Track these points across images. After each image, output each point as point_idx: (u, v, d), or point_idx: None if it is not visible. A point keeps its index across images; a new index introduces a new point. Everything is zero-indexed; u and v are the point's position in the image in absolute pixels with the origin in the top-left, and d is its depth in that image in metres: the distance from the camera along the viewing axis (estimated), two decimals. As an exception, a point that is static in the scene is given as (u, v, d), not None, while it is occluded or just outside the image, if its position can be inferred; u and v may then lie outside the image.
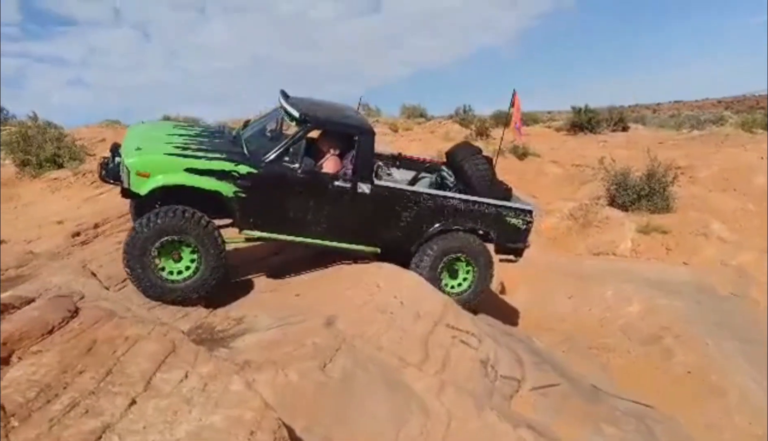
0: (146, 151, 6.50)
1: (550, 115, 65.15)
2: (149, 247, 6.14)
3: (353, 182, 6.93)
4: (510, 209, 7.54)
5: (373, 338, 5.64)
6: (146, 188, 6.30)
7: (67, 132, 23.55)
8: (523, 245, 7.80)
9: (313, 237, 7.04)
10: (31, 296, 4.40)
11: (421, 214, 7.19)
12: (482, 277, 7.48)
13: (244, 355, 5.05)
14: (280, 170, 6.71)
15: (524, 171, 19.48)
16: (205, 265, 6.39)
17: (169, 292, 6.36)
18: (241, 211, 6.66)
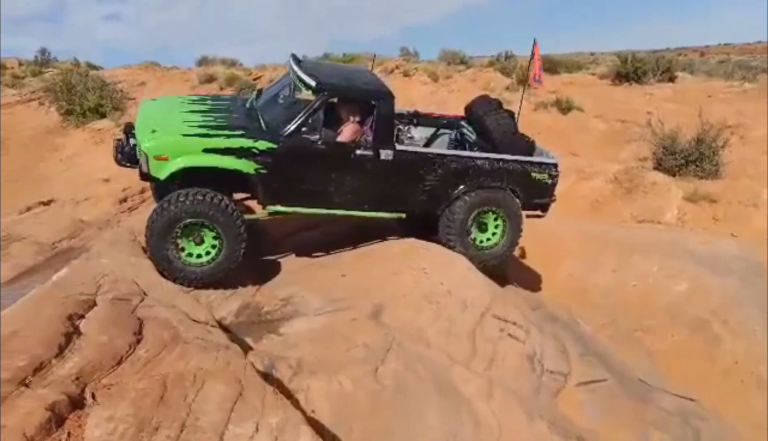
0: (162, 132, 6.36)
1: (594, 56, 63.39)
2: (170, 230, 6.09)
3: (375, 149, 6.80)
4: (535, 164, 7.39)
5: (421, 332, 5.65)
6: (166, 172, 6.20)
7: (107, 74, 23.74)
8: (550, 200, 7.68)
9: (338, 208, 6.96)
10: (91, 294, 4.51)
11: (445, 176, 7.05)
12: (513, 229, 7.40)
13: (296, 350, 5.11)
14: (300, 143, 6.57)
15: (567, 126, 19.08)
16: (226, 249, 6.34)
17: (190, 275, 6.29)
18: (263, 187, 6.59)
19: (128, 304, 4.27)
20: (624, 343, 7.82)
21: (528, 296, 8.35)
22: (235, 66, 29.05)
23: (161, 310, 4.20)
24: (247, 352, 4.74)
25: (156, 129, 6.41)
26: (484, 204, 7.17)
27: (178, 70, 28.83)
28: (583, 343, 6.92)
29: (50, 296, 4.98)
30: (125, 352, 3.24)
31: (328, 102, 6.96)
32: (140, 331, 3.56)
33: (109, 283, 5.08)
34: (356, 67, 7.95)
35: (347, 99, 7.22)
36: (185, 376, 3.05)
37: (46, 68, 28.43)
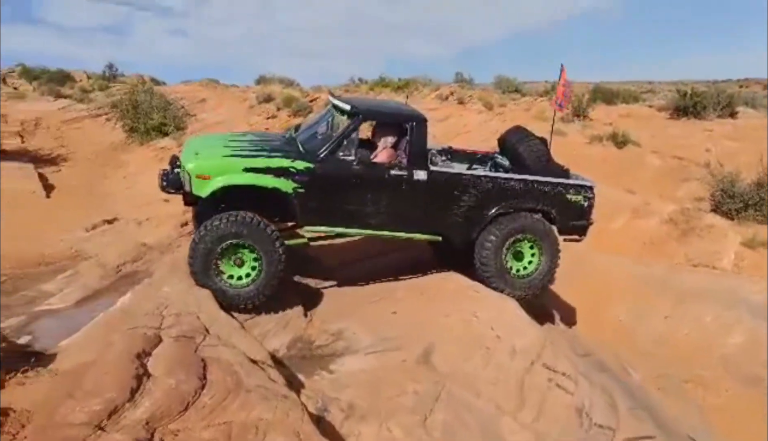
0: (205, 155, 6.73)
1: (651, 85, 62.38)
2: (212, 252, 6.30)
3: (409, 170, 6.95)
4: (569, 186, 7.40)
5: (470, 379, 5.70)
6: (208, 190, 6.46)
7: (169, 90, 24.54)
8: (587, 223, 7.62)
9: (373, 228, 7.09)
10: (156, 328, 4.72)
11: (479, 197, 7.12)
12: (549, 257, 7.36)
13: (347, 391, 5.24)
14: (336, 163, 6.79)
15: (622, 161, 18.84)
16: (266, 270, 6.49)
17: (232, 298, 6.45)
18: (300, 206, 6.76)
19: (192, 342, 4.47)
20: (674, 395, 7.70)
21: (576, 340, 8.29)
22: (292, 86, 29.63)
23: (223, 351, 4.38)
24: (299, 391, 4.91)
25: (199, 153, 6.81)
26: (518, 232, 7.17)
27: (237, 89, 29.60)
28: (632, 395, 6.83)
29: (117, 326, 5.26)
30: (191, 398, 3.42)
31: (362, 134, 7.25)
32: (204, 375, 3.73)
33: (172, 316, 5.32)
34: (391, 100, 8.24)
35: (381, 123, 7.54)
36: (248, 428, 3.20)
37: (113, 82, 29.53)
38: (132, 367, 3.73)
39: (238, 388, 3.59)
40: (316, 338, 6.62)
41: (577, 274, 11.01)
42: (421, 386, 5.21)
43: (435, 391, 5.18)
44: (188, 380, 3.57)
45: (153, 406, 3.28)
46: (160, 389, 3.46)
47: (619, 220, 14.30)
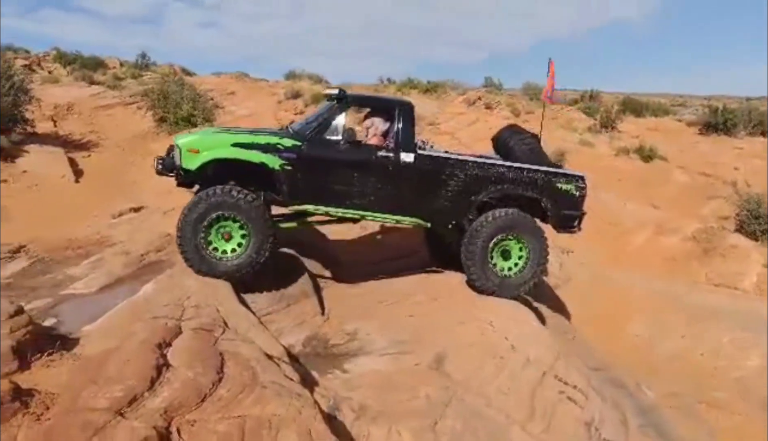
0: (197, 133, 7.18)
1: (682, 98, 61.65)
2: (200, 223, 6.52)
3: (396, 152, 7.06)
4: (560, 174, 7.43)
5: (482, 387, 5.75)
6: (196, 163, 6.67)
7: (199, 81, 24.82)
8: (579, 213, 7.58)
9: (360, 209, 7.17)
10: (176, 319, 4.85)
11: (467, 182, 7.18)
12: (536, 255, 7.33)
13: (359, 392, 5.32)
14: (323, 142, 6.98)
15: (647, 175, 18.71)
16: (253, 243, 6.65)
17: (218, 269, 6.61)
18: (287, 183, 6.89)
19: (210, 335, 4.58)
20: (686, 415, 7.67)
21: (591, 354, 8.30)
22: (321, 82, 29.79)
23: (241, 346, 4.49)
24: (313, 388, 5.00)
25: (194, 132, 7.27)
26: (505, 230, 7.17)
27: (266, 83, 29.82)
28: (643, 412, 6.85)
29: (139, 315, 5.40)
30: (208, 390, 3.53)
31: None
32: (222, 369, 3.84)
33: (192, 308, 5.45)
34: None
35: (371, 110, 7.71)
36: (262, 423, 3.30)
37: (145, 71, 29.92)
38: (153, 356, 3.85)
39: (253, 383, 3.70)
40: (331, 337, 6.72)
41: (595, 288, 11.01)
42: (432, 391, 5.27)
43: (446, 397, 5.24)
44: (206, 373, 3.68)
45: (171, 396, 3.40)
46: (178, 380, 3.57)
47: (642, 235, 14.25)
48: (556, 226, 7.62)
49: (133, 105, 19.58)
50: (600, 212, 15.24)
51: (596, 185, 16.83)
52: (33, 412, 3.29)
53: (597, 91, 30.98)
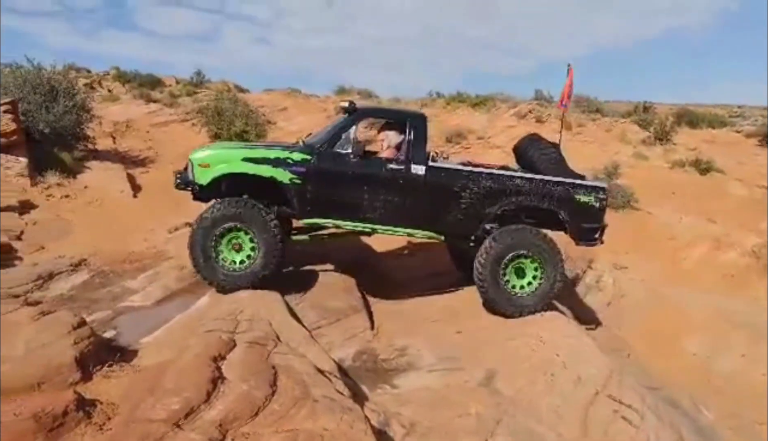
0: (210, 148, 7.26)
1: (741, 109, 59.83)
2: (211, 234, 6.64)
3: (407, 165, 6.97)
4: (579, 186, 7.11)
5: (533, 404, 5.68)
6: (208, 177, 6.81)
7: (252, 98, 25.33)
8: (600, 225, 7.27)
9: (371, 222, 7.11)
10: (230, 333, 4.96)
11: (480, 194, 7.01)
12: (551, 274, 7.07)
13: (409, 407, 5.33)
14: (333, 156, 6.94)
15: (704, 188, 18.22)
16: (261, 254, 6.73)
17: (228, 280, 6.75)
18: (298, 197, 6.93)
19: (263, 349, 4.67)
20: (746, 437, 7.40)
21: (646, 373, 8.10)
22: (371, 97, 30.04)
23: (293, 360, 4.56)
24: (363, 403, 5.03)
25: (207, 147, 7.33)
26: (518, 248, 6.98)
27: (317, 98, 30.23)
28: (702, 433, 6.65)
29: (194, 328, 5.55)
30: (262, 404, 3.60)
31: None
32: (275, 382, 3.92)
33: (245, 321, 5.56)
34: None
35: (384, 123, 7.64)
36: (314, 437, 3.34)
37: (200, 88, 30.70)
38: (208, 369, 3.95)
39: (305, 397, 3.76)
40: (380, 352, 6.75)
41: (650, 305, 10.76)
42: (483, 408, 5.24)
43: (497, 415, 5.20)
44: (259, 386, 3.76)
45: (226, 408, 3.48)
46: (233, 393, 3.66)
47: (698, 250, 13.88)
48: (575, 239, 7.39)
49: (188, 122, 20.14)
50: (655, 227, 14.94)
51: (651, 199, 16.53)
52: (95, 422, 3.42)
53: (651, 103, 30.33)
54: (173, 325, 5.95)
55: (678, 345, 9.77)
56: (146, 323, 6.12)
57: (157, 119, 21.04)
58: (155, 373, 4.04)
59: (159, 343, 5.26)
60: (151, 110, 22.52)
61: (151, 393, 3.63)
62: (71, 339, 4.25)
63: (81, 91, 15.31)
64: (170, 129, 19.95)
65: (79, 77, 25.18)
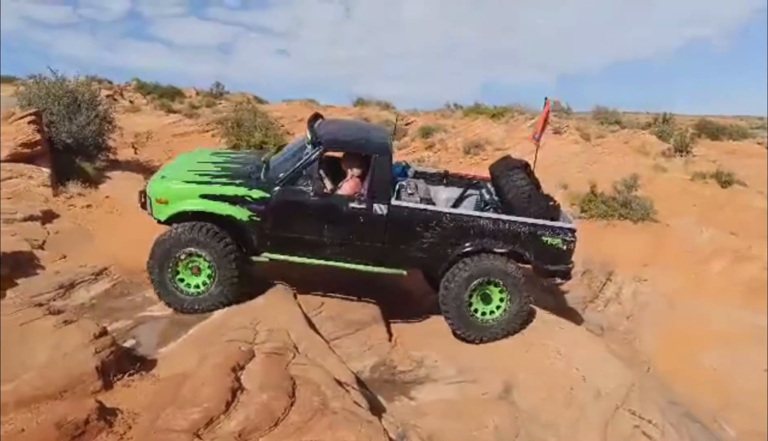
0: (168, 178, 6.97)
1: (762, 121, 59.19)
2: (168, 258, 6.57)
3: (369, 203, 6.82)
4: (546, 228, 6.96)
5: (551, 418, 5.66)
6: (165, 214, 6.77)
7: (271, 109, 25.53)
8: (565, 267, 7.14)
9: (333, 260, 6.99)
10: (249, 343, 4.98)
11: (444, 234, 6.87)
12: (516, 303, 6.95)
13: (427, 420, 5.32)
14: (293, 193, 6.78)
15: (726, 201, 17.99)
16: (218, 280, 6.65)
17: (184, 303, 6.68)
18: (257, 234, 6.83)
19: (282, 359, 4.69)
20: (770, 456, 7.29)
21: (666, 387, 8.01)
22: (389, 109, 30.12)
23: (311, 371, 4.57)
24: (381, 415, 5.03)
25: (165, 175, 7.09)
26: (485, 274, 6.87)
27: (334, 109, 30.37)
28: (723, 450, 6.55)
29: (213, 338, 5.59)
30: (281, 415, 3.62)
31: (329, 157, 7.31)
32: (293, 393, 3.93)
33: (264, 332, 5.59)
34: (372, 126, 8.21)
35: (347, 153, 7.40)
36: (333, 448, 3.36)
37: (219, 100, 31.00)
38: (228, 379, 3.98)
39: (324, 409, 3.77)
40: (398, 364, 6.74)
41: (670, 318, 10.66)
42: (500, 421, 5.22)
43: (514, 428, 5.18)
44: (278, 397, 3.78)
45: (246, 419, 3.50)
46: (252, 403, 3.68)
47: (719, 263, 13.69)
48: (538, 274, 7.33)
49: (208, 133, 20.34)
50: (675, 239, 14.78)
51: (671, 211, 16.37)
52: (116, 431, 3.46)
53: (671, 114, 30.05)
54: (193, 335, 5.99)
55: (698, 359, 9.65)
56: (164, 333, 6.16)
57: (177, 130, 21.28)
58: (176, 383, 4.08)
59: (179, 353, 5.30)
60: (172, 121, 22.76)
61: (172, 402, 3.67)
62: (93, 348, 4.29)
63: (103, 102, 15.50)
64: (190, 140, 20.14)
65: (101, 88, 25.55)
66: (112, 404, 3.79)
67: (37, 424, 3.35)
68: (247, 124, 17.37)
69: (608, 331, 9.77)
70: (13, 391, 3.69)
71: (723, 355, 9.76)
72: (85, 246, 9.16)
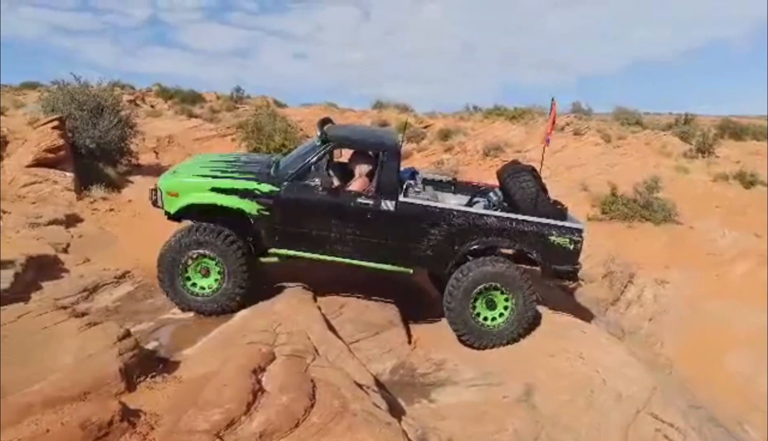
0: (179, 174, 7.13)
1: (788, 120, 58.28)
2: (178, 259, 6.65)
3: (376, 199, 6.84)
4: (553, 227, 6.93)
5: (572, 422, 5.62)
6: (175, 207, 6.85)
7: (291, 113, 25.67)
8: (572, 267, 7.09)
9: (340, 255, 7.01)
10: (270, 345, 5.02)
11: (451, 231, 6.88)
12: (521, 309, 6.91)
13: (447, 422, 5.31)
14: (301, 188, 6.84)
15: (749, 202, 17.78)
16: (227, 281, 6.70)
17: (194, 304, 6.76)
18: (265, 228, 6.88)
19: (302, 361, 4.73)
20: (795, 460, 7.20)
21: (689, 391, 7.94)
22: (408, 111, 30.16)
23: (331, 373, 4.60)
24: (401, 417, 5.04)
25: (177, 171, 7.26)
26: (490, 280, 6.84)
27: (353, 113, 30.48)
28: (747, 454, 6.47)
29: (234, 340, 5.65)
30: (301, 416, 3.65)
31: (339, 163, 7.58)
32: (313, 395, 3.97)
33: (284, 334, 5.64)
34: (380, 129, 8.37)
35: (357, 152, 7.52)
36: (353, 449, 3.38)
37: (239, 104, 31.25)
38: (249, 381, 4.02)
39: (344, 411, 3.79)
40: (418, 366, 6.75)
41: (692, 321, 10.56)
42: (521, 424, 5.20)
43: (535, 431, 5.16)
44: (299, 399, 3.81)
45: (267, 420, 3.54)
46: (273, 405, 3.72)
47: (743, 266, 13.55)
48: (544, 276, 7.23)
49: (228, 136, 20.52)
50: (697, 241, 14.64)
51: (693, 213, 16.21)
52: (139, 432, 3.50)
53: (692, 115, 29.75)
54: (214, 337, 6.05)
55: (721, 362, 9.56)
56: (186, 335, 6.23)
57: (198, 134, 21.49)
58: (198, 385, 4.13)
59: (200, 355, 5.36)
60: (193, 125, 22.99)
61: (194, 404, 3.71)
62: (116, 350, 4.35)
63: (125, 107, 15.71)
64: (211, 143, 20.35)
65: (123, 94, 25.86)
66: (136, 405, 3.84)
67: (62, 424, 3.40)
68: (266, 127, 17.50)
69: (629, 333, 9.70)
70: (38, 392, 3.75)
71: (747, 358, 9.66)
72: (108, 249, 9.30)
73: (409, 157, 22.70)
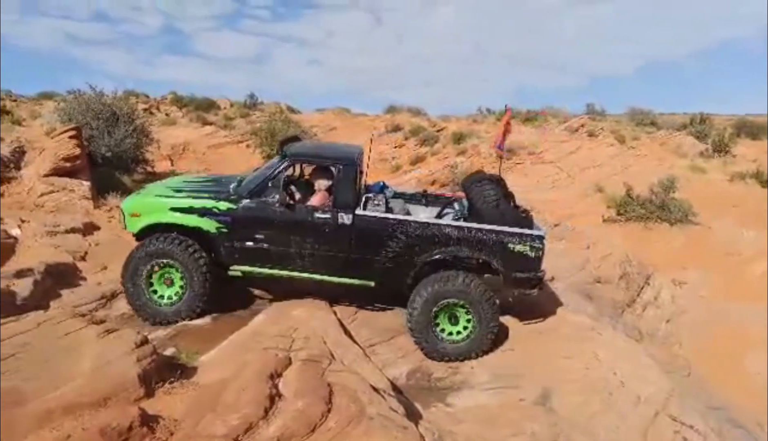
0: (141, 194, 7.25)
1: (804, 118, 57.60)
2: (140, 269, 6.71)
3: (333, 213, 6.84)
4: (513, 235, 6.85)
5: (590, 424, 5.59)
6: (136, 227, 6.95)
7: (304, 119, 25.79)
8: (535, 275, 6.99)
9: (300, 270, 7.01)
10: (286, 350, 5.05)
11: (410, 243, 6.84)
12: (483, 325, 6.79)
13: (463, 426, 5.31)
14: (258, 205, 6.88)
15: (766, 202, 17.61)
16: (189, 291, 6.77)
17: (158, 314, 6.80)
18: (225, 246, 6.94)
19: (319, 366, 4.75)
20: (818, 461, 7.10)
21: (707, 392, 7.88)
22: (420, 115, 30.17)
23: (347, 377, 4.62)
24: (417, 421, 5.04)
25: (141, 192, 7.37)
26: (451, 296, 6.75)
27: (365, 117, 30.54)
28: (768, 456, 6.40)
29: (251, 346, 5.68)
30: (318, 421, 3.67)
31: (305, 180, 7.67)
32: (330, 400, 3.98)
33: (301, 339, 5.67)
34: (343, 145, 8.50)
35: (316, 167, 7.59)
36: (370, 454, 3.39)
37: (253, 110, 31.42)
38: (266, 386, 4.04)
39: (360, 415, 3.81)
40: (434, 370, 6.74)
41: (710, 322, 10.47)
42: (538, 427, 5.19)
43: (552, 434, 5.14)
44: (315, 404, 3.83)
45: (284, 425, 3.56)
46: (290, 410, 3.74)
47: (761, 265, 13.43)
48: (507, 285, 7.05)
49: (242, 143, 20.64)
50: (715, 241, 14.52)
51: (710, 213, 16.08)
52: (158, 437, 3.54)
53: (707, 114, 29.51)
54: (231, 343, 6.08)
55: (740, 363, 9.47)
56: (203, 341, 6.28)
57: (213, 141, 21.64)
58: (215, 390, 4.16)
59: (217, 361, 5.38)
60: (207, 133, 23.15)
61: (212, 409, 3.75)
62: (135, 356, 4.40)
63: (140, 115, 15.85)
64: (225, 150, 20.49)
65: (138, 102, 26.10)
66: (154, 411, 3.88)
67: (82, 430, 3.44)
68: (280, 134, 17.58)
69: (647, 335, 9.63)
70: (59, 399, 3.80)
71: (765, 359, 9.54)
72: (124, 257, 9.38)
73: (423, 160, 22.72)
